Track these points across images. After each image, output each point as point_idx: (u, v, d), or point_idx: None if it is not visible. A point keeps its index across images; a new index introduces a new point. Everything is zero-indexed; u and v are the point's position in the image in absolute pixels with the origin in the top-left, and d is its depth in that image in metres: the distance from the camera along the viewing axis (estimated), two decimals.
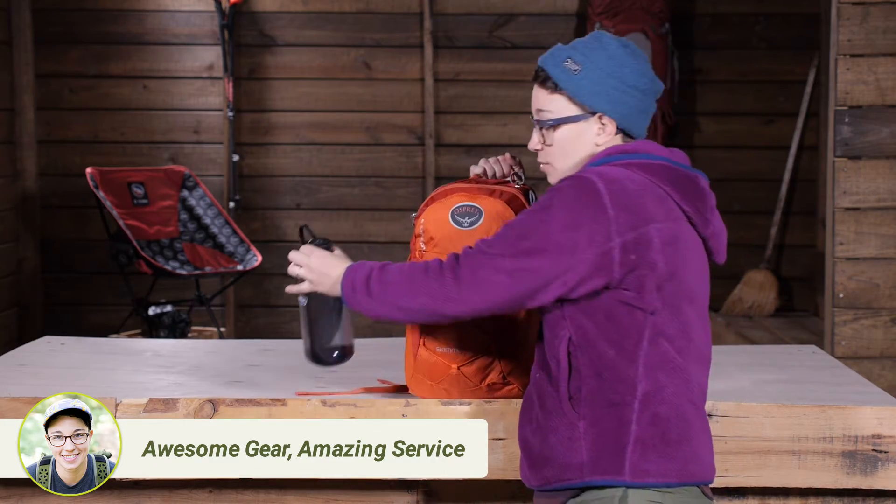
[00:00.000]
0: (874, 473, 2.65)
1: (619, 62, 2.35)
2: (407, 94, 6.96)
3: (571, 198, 2.26)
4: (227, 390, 2.78)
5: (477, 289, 2.26)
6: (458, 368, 2.60)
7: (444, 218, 2.58)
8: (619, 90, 2.34)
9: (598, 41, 2.38)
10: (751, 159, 6.90)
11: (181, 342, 3.52)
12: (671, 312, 2.27)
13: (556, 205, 2.27)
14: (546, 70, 2.40)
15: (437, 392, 2.66)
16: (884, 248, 4.48)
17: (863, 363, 4.45)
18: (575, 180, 2.29)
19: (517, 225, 2.30)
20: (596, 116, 2.36)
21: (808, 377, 2.98)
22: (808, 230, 6.92)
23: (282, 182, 6.99)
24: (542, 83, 2.41)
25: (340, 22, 6.95)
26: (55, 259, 6.95)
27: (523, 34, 6.93)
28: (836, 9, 4.45)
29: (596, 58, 2.35)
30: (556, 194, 2.29)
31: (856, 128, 4.45)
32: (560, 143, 2.38)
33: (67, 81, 6.92)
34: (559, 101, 2.38)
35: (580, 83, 2.35)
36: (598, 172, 2.29)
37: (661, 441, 2.26)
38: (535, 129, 2.43)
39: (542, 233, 2.25)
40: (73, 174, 6.79)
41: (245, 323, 6.99)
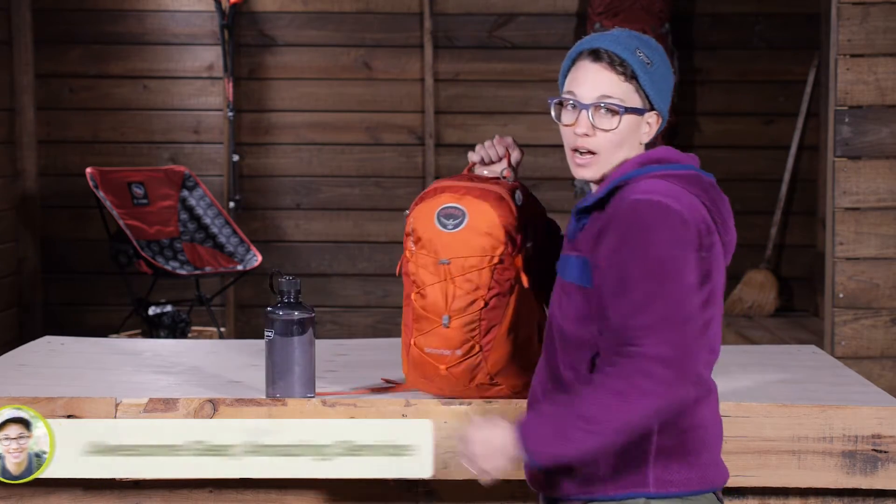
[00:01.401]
0: (874, 473, 2.65)
1: (667, 64, 2.33)
2: (407, 94, 6.96)
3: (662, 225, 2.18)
4: (227, 390, 2.78)
5: (686, 353, 2.14)
6: (447, 369, 2.59)
7: (430, 218, 2.56)
8: (669, 91, 2.33)
9: (644, 38, 2.33)
10: (751, 159, 6.90)
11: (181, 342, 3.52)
12: (706, 320, 2.25)
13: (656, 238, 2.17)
14: (620, 55, 2.27)
15: (432, 389, 2.66)
16: (884, 248, 4.48)
17: (863, 363, 4.45)
18: (648, 207, 2.19)
19: (642, 278, 2.16)
20: (653, 113, 2.31)
21: (808, 377, 2.98)
22: (808, 230, 6.92)
23: (282, 182, 6.99)
24: (612, 67, 2.28)
25: (340, 22, 6.95)
26: (55, 259, 6.95)
27: (523, 34, 6.93)
28: (836, 9, 4.45)
29: (657, 56, 2.31)
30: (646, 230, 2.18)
31: (856, 128, 4.45)
32: (620, 132, 2.28)
33: (67, 81, 6.93)
34: (629, 90, 2.28)
35: (652, 77, 2.29)
36: (658, 192, 2.21)
37: (683, 450, 2.24)
38: (582, 112, 2.29)
39: (676, 270, 2.16)
40: (73, 174, 6.79)
41: (245, 323, 6.99)
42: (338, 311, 7.03)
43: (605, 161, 2.31)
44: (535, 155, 6.85)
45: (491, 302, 2.55)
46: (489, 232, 2.54)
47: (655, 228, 2.18)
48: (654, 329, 2.13)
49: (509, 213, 2.55)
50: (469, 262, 2.54)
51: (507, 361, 2.60)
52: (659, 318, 2.13)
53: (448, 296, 2.55)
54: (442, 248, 2.54)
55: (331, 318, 6.99)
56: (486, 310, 2.55)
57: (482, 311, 2.55)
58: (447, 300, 2.55)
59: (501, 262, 2.54)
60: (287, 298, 2.64)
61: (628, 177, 2.27)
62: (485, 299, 2.55)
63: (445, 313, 2.56)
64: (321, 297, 6.96)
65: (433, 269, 2.57)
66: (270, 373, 2.66)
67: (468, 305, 2.55)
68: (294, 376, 2.65)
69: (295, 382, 2.66)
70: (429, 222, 2.57)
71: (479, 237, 2.54)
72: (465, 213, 2.54)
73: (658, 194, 2.21)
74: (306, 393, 2.67)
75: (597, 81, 2.29)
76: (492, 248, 2.54)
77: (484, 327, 2.56)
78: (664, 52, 2.33)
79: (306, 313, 2.65)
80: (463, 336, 2.56)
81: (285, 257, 6.99)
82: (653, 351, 2.12)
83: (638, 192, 2.22)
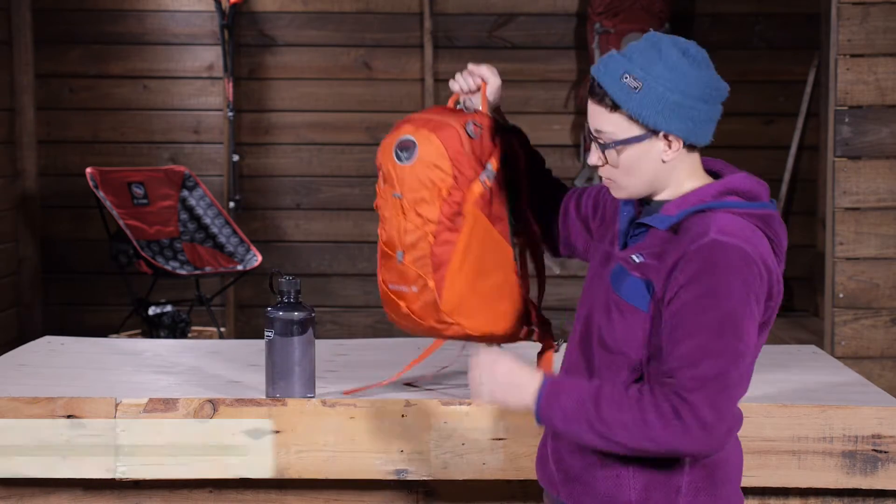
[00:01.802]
0: (874, 473, 2.65)
1: (680, 73, 2.19)
2: (407, 94, 6.96)
3: (741, 275, 2.13)
4: (227, 390, 2.78)
5: (724, 420, 2.12)
6: (407, 307, 2.51)
7: (389, 151, 2.50)
8: (682, 105, 2.19)
9: (655, 49, 2.20)
10: (751, 159, 6.88)
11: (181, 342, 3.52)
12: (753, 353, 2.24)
13: (733, 290, 2.12)
14: (602, 86, 2.20)
15: (405, 326, 2.58)
16: (884, 248, 4.48)
17: (863, 363, 4.45)
18: (727, 253, 2.14)
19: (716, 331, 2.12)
20: (661, 135, 2.20)
21: (808, 377, 2.98)
22: (808, 230, 6.92)
23: (282, 182, 6.99)
24: (599, 101, 2.21)
25: (340, 22, 6.95)
26: (55, 259, 6.95)
27: (523, 34, 6.93)
28: (836, 9, 4.45)
29: (656, 71, 2.18)
30: (726, 276, 2.13)
31: (856, 128, 4.45)
32: (624, 164, 2.22)
33: (67, 81, 6.92)
34: (619, 121, 2.20)
35: (641, 102, 2.18)
36: (738, 235, 2.16)
37: (711, 483, 2.23)
38: (593, 145, 2.26)
39: (744, 329, 2.13)
40: (73, 174, 6.79)
41: (245, 323, 6.99)
42: (338, 311, 7.02)
43: (624, 186, 2.26)
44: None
45: (440, 237, 2.47)
46: (437, 164, 2.46)
47: (734, 278, 2.13)
48: (705, 385, 2.10)
49: (458, 145, 2.48)
50: (418, 196, 2.46)
51: (464, 299, 2.50)
52: (714, 374, 2.11)
53: (400, 230, 2.49)
54: (397, 181, 2.47)
55: (331, 318, 6.99)
56: (435, 244, 2.47)
57: (432, 247, 2.47)
58: (400, 234, 2.49)
59: (451, 194, 2.47)
60: (287, 298, 2.64)
61: (707, 206, 2.21)
62: (434, 234, 2.47)
63: (399, 248, 2.49)
64: (321, 297, 6.96)
65: (391, 203, 2.50)
66: (270, 373, 2.66)
67: (417, 240, 2.47)
68: (294, 376, 2.65)
69: (295, 382, 2.66)
70: (388, 155, 2.50)
71: (427, 170, 2.46)
72: (416, 145, 2.47)
73: (740, 238, 2.15)
74: (306, 393, 2.67)
75: (592, 117, 2.25)
76: (440, 181, 2.46)
77: (434, 263, 2.48)
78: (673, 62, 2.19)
79: (306, 313, 2.65)
80: (415, 272, 2.48)
81: (285, 257, 6.99)
82: (697, 405, 2.10)
83: (719, 230, 2.16)
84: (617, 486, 2.23)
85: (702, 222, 2.19)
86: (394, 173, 2.48)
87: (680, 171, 2.25)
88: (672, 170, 2.24)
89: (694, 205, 2.21)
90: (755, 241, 2.18)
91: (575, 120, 6.92)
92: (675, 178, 2.25)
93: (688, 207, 2.21)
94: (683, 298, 2.14)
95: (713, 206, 2.21)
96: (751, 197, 2.25)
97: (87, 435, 2.66)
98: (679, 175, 2.25)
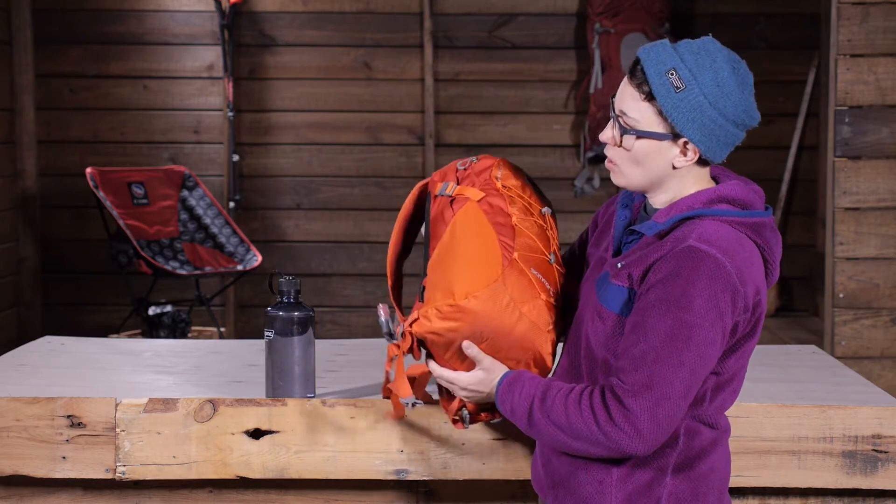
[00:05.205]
0: (874, 473, 2.65)
1: (725, 92, 2.16)
2: (407, 94, 6.96)
3: (707, 286, 2.10)
4: (227, 390, 2.78)
5: (659, 429, 2.12)
6: (546, 300, 2.35)
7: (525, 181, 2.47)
8: (715, 122, 2.16)
9: (709, 57, 2.17)
10: (751, 159, 6.90)
11: (181, 342, 3.52)
12: (739, 369, 2.23)
13: (695, 299, 2.10)
14: (646, 73, 2.16)
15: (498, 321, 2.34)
16: (884, 248, 4.48)
17: (863, 363, 4.45)
18: (699, 261, 2.11)
19: (666, 338, 2.11)
20: (681, 141, 2.18)
21: (808, 377, 2.98)
22: (808, 230, 6.92)
23: (282, 182, 6.99)
24: (636, 85, 2.18)
25: (340, 22, 6.95)
26: (55, 259, 6.95)
27: (523, 34, 6.93)
28: (836, 9, 4.45)
29: (703, 79, 2.15)
30: (689, 286, 2.10)
31: (856, 128, 4.45)
32: (636, 153, 2.20)
33: (67, 81, 6.93)
34: (648, 112, 2.18)
35: (678, 104, 2.15)
36: (717, 244, 2.13)
37: (693, 495, 2.23)
38: (611, 122, 2.23)
39: (697, 340, 2.11)
40: (73, 174, 6.79)
41: (245, 323, 6.99)
42: (338, 311, 7.03)
43: (626, 174, 2.24)
44: (535, 155, 6.85)
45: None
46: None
47: (700, 288, 2.11)
48: (646, 391, 2.11)
49: None
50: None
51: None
52: (656, 382, 2.10)
53: (551, 239, 2.42)
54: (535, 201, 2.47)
55: (331, 318, 6.99)
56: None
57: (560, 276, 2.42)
58: (550, 242, 2.42)
59: None
60: (287, 298, 2.64)
61: (696, 213, 2.19)
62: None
63: (552, 252, 2.39)
64: (321, 297, 6.96)
65: (535, 217, 2.44)
66: (270, 373, 2.66)
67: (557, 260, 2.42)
68: (294, 376, 2.65)
69: (295, 382, 2.66)
70: (524, 181, 2.49)
71: None
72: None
73: (718, 248, 2.13)
74: (306, 393, 2.67)
75: (622, 94, 2.22)
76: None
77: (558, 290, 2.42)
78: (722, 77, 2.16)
79: (306, 313, 2.65)
80: (555, 280, 2.39)
81: (285, 257, 6.99)
82: (634, 410, 2.11)
83: (699, 237, 2.14)
84: (600, 493, 2.23)
85: (687, 229, 2.17)
86: (535, 195, 2.47)
87: (685, 181, 2.24)
88: (678, 177, 2.23)
89: (683, 212, 2.20)
90: (735, 252, 2.14)
91: (575, 120, 6.92)
92: (678, 185, 2.24)
93: (677, 214, 2.20)
94: (648, 299, 2.14)
95: (702, 214, 2.19)
96: (743, 205, 2.22)
97: (87, 435, 2.66)
98: (684, 183, 2.24)
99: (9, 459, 2.67)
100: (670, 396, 2.11)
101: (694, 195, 2.22)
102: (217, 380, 2.91)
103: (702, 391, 2.20)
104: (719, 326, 2.12)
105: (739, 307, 2.14)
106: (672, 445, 2.21)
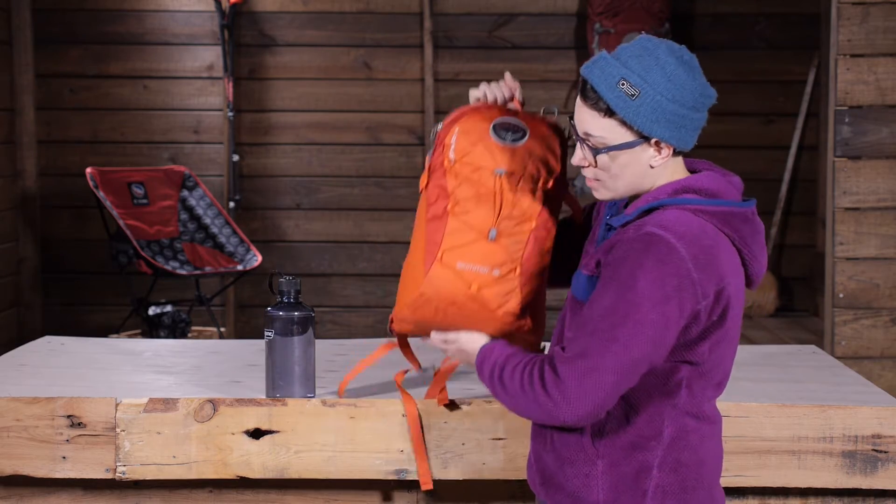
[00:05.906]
0: (874, 473, 2.65)
1: (678, 83, 2.17)
2: (407, 94, 6.96)
3: (654, 268, 2.12)
4: (227, 390, 2.78)
5: (586, 398, 2.14)
6: (479, 290, 2.35)
7: (484, 129, 2.43)
8: (678, 115, 2.18)
9: (652, 56, 2.18)
10: (751, 159, 6.90)
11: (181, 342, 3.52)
12: (717, 359, 2.23)
13: (640, 279, 2.12)
14: (597, 91, 2.19)
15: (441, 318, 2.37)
16: (884, 248, 4.48)
17: (863, 363, 4.45)
18: (651, 245, 2.14)
19: (605, 312, 2.14)
20: (652, 141, 2.20)
21: (808, 377, 2.98)
22: (808, 230, 6.92)
23: (282, 182, 6.99)
24: (592, 105, 2.21)
25: (340, 22, 6.95)
26: (55, 259, 6.95)
27: (523, 34, 6.93)
28: (836, 9, 4.45)
29: (654, 80, 2.17)
30: (637, 267, 2.13)
31: (856, 128, 4.45)
32: (614, 168, 2.22)
33: (67, 81, 6.93)
34: (612, 127, 2.20)
35: (638, 110, 2.17)
36: (673, 230, 2.15)
37: (681, 488, 2.23)
38: (578, 144, 2.26)
39: (636, 318, 2.12)
40: (73, 174, 6.79)
41: (245, 323, 6.99)
42: (338, 311, 7.03)
43: (610, 188, 2.26)
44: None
45: (541, 224, 2.38)
46: (550, 146, 2.44)
47: (648, 270, 2.13)
48: (577, 359, 2.14)
49: (561, 145, 2.44)
50: (526, 177, 2.39)
51: (538, 297, 2.40)
52: (588, 352, 2.14)
53: (507, 204, 2.37)
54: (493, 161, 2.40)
55: (331, 318, 6.99)
56: (534, 230, 2.37)
57: (532, 232, 2.37)
58: (500, 211, 2.37)
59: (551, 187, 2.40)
60: (287, 298, 2.65)
61: (660, 203, 2.21)
62: (536, 220, 2.37)
63: (494, 227, 2.36)
64: (321, 297, 6.96)
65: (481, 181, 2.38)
66: (270, 373, 2.67)
67: (523, 221, 2.37)
68: (294, 376, 2.65)
69: (295, 382, 2.66)
70: (482, 133, 2.43)
71: (542, 150, 2.43)
72: (527, 130, 2.44)
73: (674, 233, 2.15)
74: (306, 393, 2.67)
75: (581, 118, 2.24)
76: (554, 163, 2.42)
77: (529, 251, 2.36)
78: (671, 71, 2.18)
79: (306, 313, 2.65)
80: (505, 255, 2.35)
81: (285, 257, 6.99)
82: (564, 377, 2.14)
83: (657, 223, 2.16)
84: (587, 486, 2.24)
85: (650, 217, 2.20)
86: (490, 154, 2.40)
87: (663, 176, 2.26)
88: (656, 174, 2.25)
89: (649, 202, 2.23)
90: (694, 238, 2.16)
91: None
92: (658, 181, 2.26)
93: (643, 205, 2.23)
94: (601, 279, 2.19)
95: (665, 203, 2.21)
96: (711, 194, 2.23)
97: (88, 435, 2.66)
98: (663, 178, 2.26)
99: (9, 459, 2.67)
100: (599, 368, 2.13)
101: (662, 187, 2.25)
102: (217, 380, 2.91)
103: (676, 379, 2.21)
104: (661, 309, 2.13)
105: (692, 293, 2.14)
106: (657, 438, 2.22)
